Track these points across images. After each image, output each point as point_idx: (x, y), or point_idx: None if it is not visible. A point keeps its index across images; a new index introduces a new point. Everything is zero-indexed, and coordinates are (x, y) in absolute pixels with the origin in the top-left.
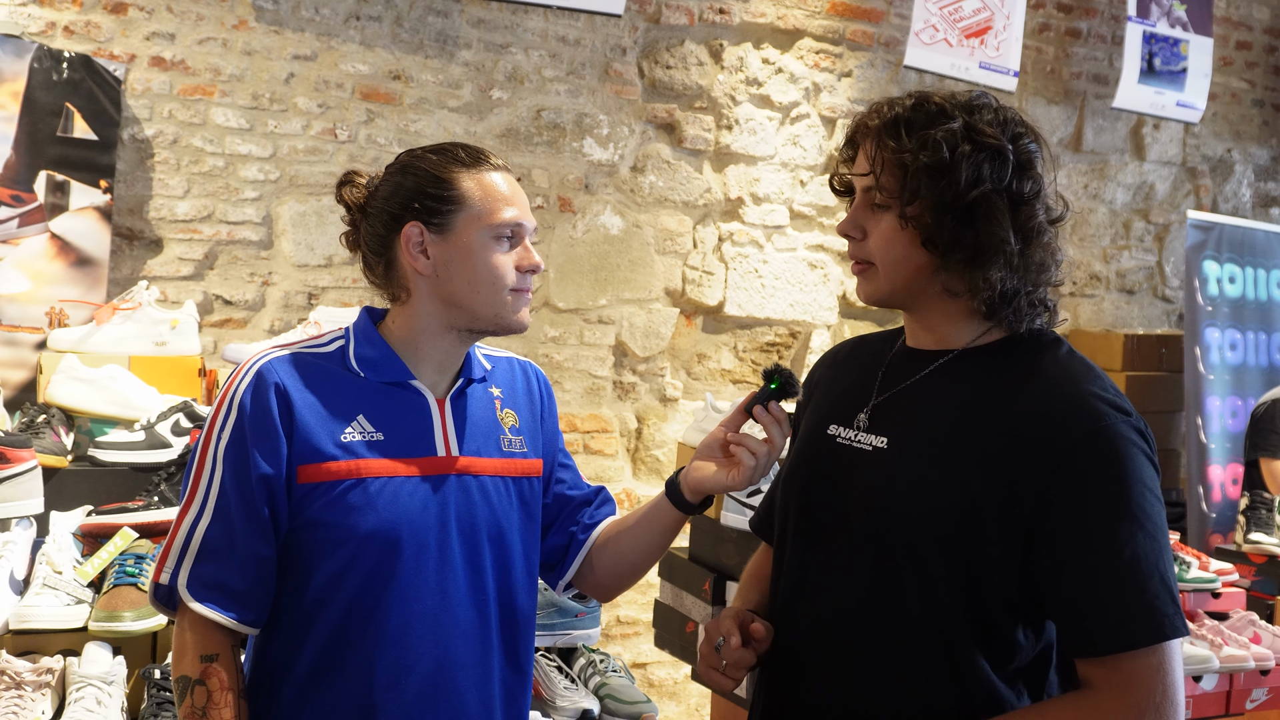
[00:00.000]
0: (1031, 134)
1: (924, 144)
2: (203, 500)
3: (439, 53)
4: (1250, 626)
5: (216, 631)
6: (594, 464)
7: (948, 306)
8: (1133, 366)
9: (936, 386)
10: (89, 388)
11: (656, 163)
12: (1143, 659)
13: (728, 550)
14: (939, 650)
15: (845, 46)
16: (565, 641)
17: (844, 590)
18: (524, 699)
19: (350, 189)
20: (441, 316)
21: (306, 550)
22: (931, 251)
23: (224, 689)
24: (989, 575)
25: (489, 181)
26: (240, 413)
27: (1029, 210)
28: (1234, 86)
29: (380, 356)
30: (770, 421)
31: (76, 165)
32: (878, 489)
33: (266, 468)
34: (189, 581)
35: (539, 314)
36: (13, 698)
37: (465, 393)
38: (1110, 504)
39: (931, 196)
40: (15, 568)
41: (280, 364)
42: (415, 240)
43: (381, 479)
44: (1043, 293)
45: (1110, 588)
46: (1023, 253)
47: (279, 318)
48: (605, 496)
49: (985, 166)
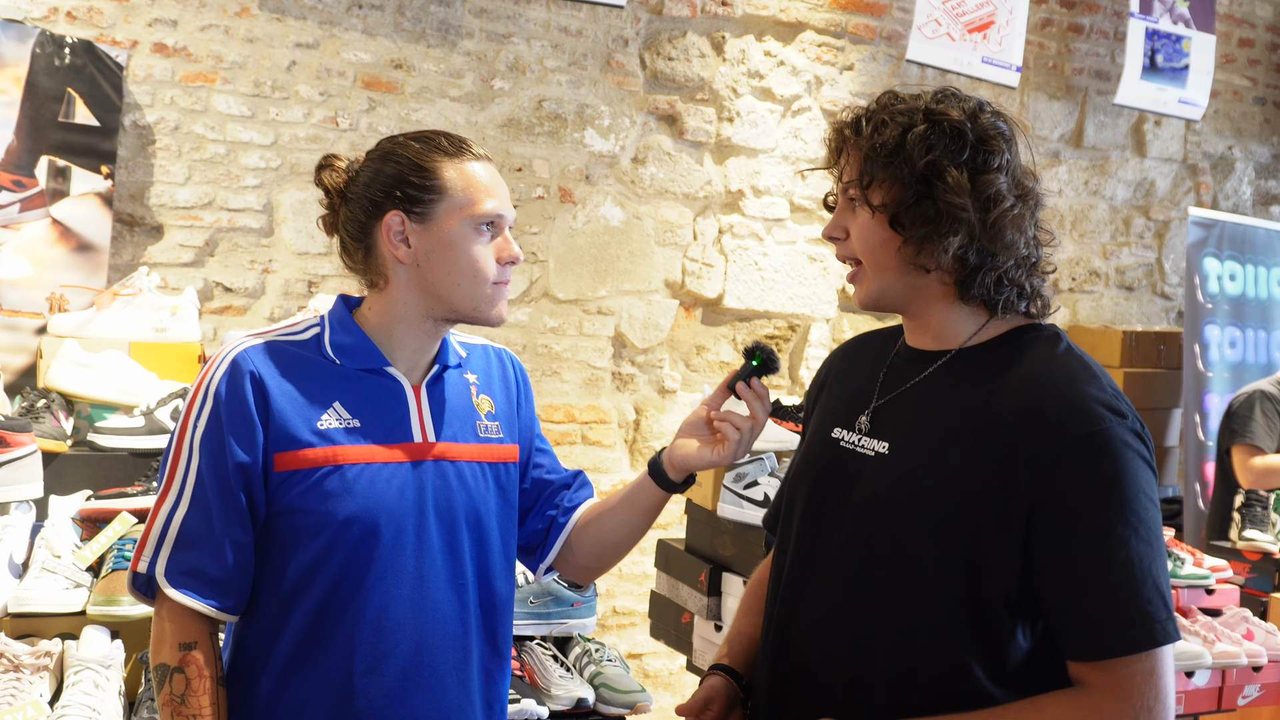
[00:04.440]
0: (999, 115)
1: (880, 128)
2: (179, 489)
3: (441, 42)
4: (1243, 623)
5: (194, 619)
6: (592, 455)
7: (937, 300)
8: (1131, 363)
9: (935, 389)
10: (89, 373)
11: (657, 154)
12: (1136, 664)
13: (724, 541)
14: (940, 653)
15: (847, 40)
16: (561, 630)
17: (845, 593)
18: (503, 681)
19: (330, 173)
20: (419, 305)
21: (284, 537)
22: (899, 231)
23: (202, 676)
24: (989, 577)
25: (471, 172)
26: (215, 401)
27: (988, 179)
28: (1236, 84)
29: (355, 343)
30: (753, 397)
31: (78, 151)
32: (879, 493)
33: (243, 456)
34: (167, 569)
35: (539, 304)
36: (11, 680)
37: (441, 379)
38: (1105, 508)
39: (888, 174)
40: (14, 551)
41: (255, 352)
42: (396, 229)
43: (358, 465)
44: (1021, 275)
45: (1104, 593)
46: (985, 222)
47: (279, 305)
48: (583, 480)
49: (941, 140)
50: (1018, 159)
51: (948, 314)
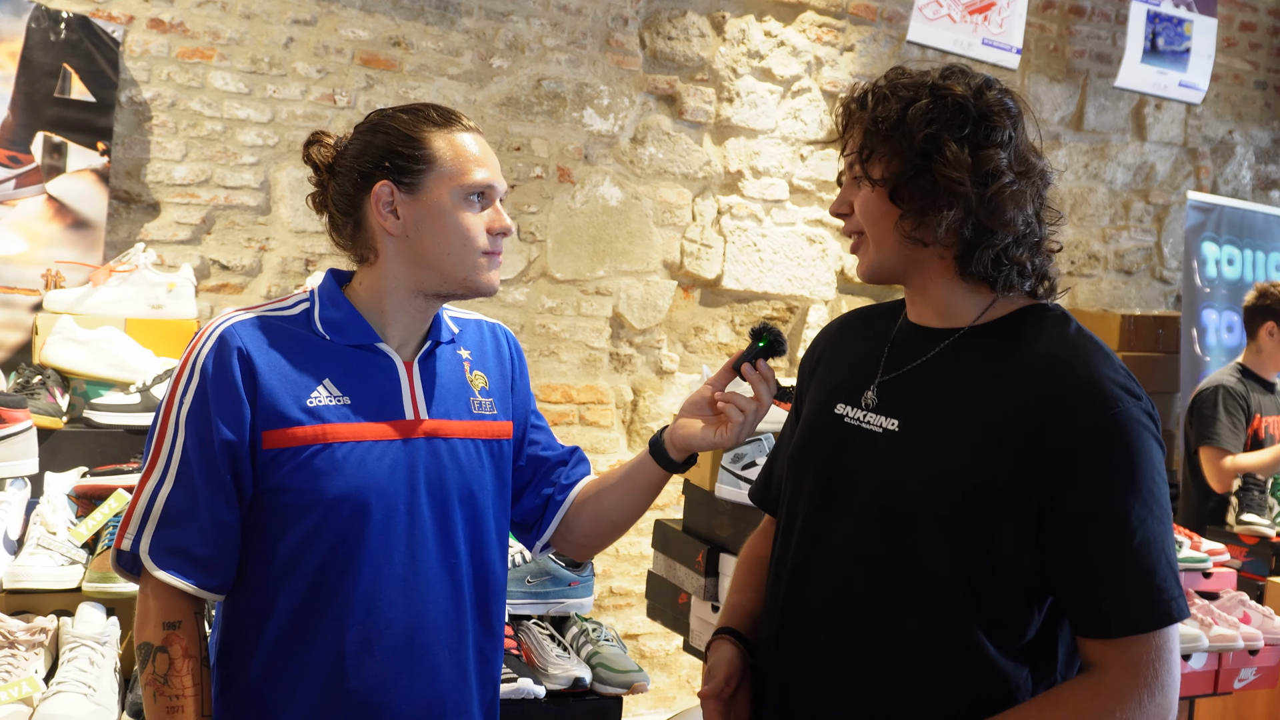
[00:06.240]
0: (1006, 92)
1: (883, 102)
2: (165, 466)
3: (440, 19)
4: (1240, 606)
5: (179, 598)
6: (589, 435)
7: (936, 275)
8: (1129, 347)
9: (946, 366)
10: (85, 349)
11: (656, 134)
12: (1150, 641)
13: (722, 522)
14: (950, 631)
15: (848, 20)
16: (558, 610)
17: (856, 572)
18: (496, 660)
19: (318, 148)
20: (410, 278)
21: (273, 515)
22: (898, 204)
23: (186, 656)
24: (1003, 556)
25: (460, 142)
26: (202, 378)
27: (987, 154)
28: (1237, 68)
29: (346, 319)
30: (758, 379)
31: (74, 127)
32: (891, 472)
33: (229, 434)
34: (151, 548)
35: (536, 284)
36: (6, 656)
37: (434, 355)
38: (1124, 488)
39: (888, 147)
40: (9, 528)
41: (243, 328)
42: (385, 199)
43: (349, 443)
44: (1021, 253)
45: (1123, 571)
46: (983, 198)
47: (275, 283)
48: (580, 456)
49: (942, 114)
50: (1022, 136)
51: (949, 290)
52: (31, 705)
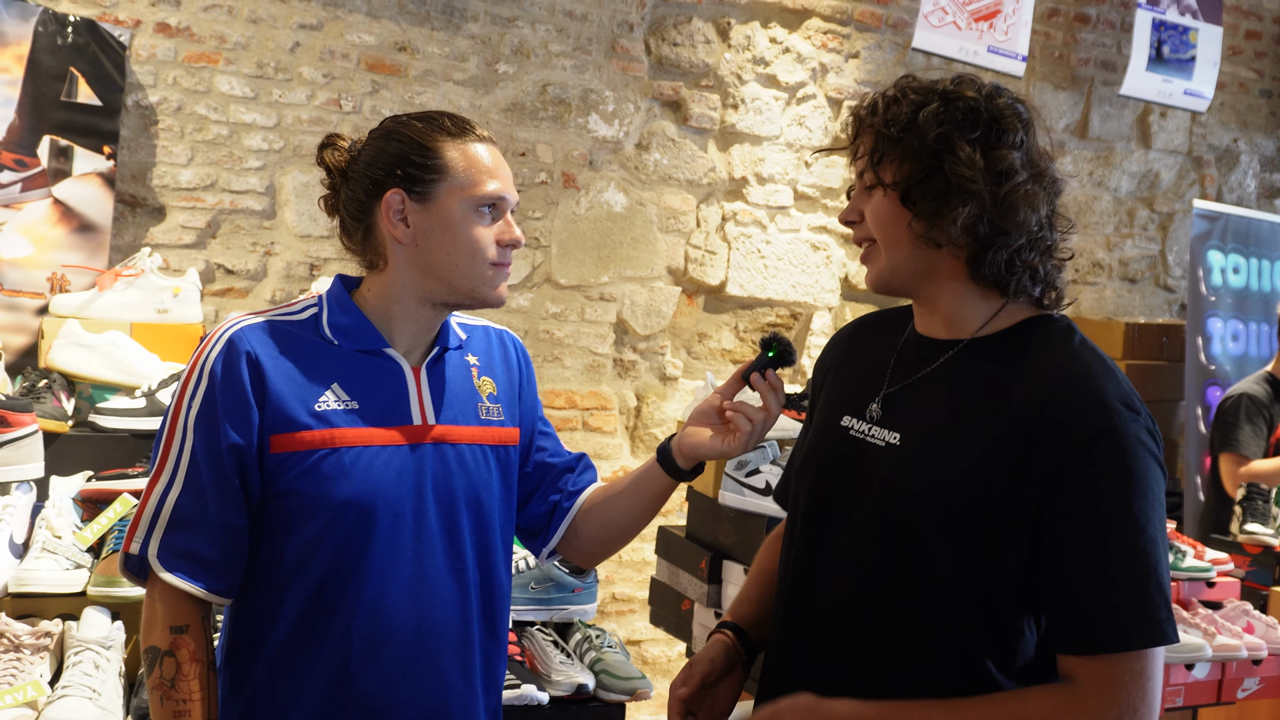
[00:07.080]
0: (1017, 99)
1: (894, 105)
2: (173, 470)
3: (445, 25)
4: (1243, 616)
5: (187, 602)
6: (593, 441)
7: (948, 280)
8: (1133, 355)
9: (948, 379)
10: (90, 353)
11: (661, 140)
12: (1130, 662)
13: (725, 529)
14: (949, 645)
15: (853, 27)
16: (561, 616)
17: (854, 583)
18: (501, 665)
19: (332, 151)
20: (418, 286)
21: (281, 520)
22: (909, 207)
23: (193, 660)
24: (998, 570)
25: (473, 153)
26: (211, 381)
27: (1000, 154)
28: (1242, 76)
29: (354, 324)
30: (767, 389)
31: (80, 131)
32: (890, 485)
33: (237, 438)
34: (159, 551)
35: (541, 290)
36: (11, 660)
37: (441, 360)
38: (1115, 505)
39: (899, 150)
40: (15, 531)
41: (252, 332)
42: (396, 207)
43: (356, 448)
44: (1034, 257)
45: (1108, 589)
46: (996, 196)
47: (281, 288)
48: (587, 463)
49: (953, 117)
50: (1034, 141)
51: (959, 296)
52: (36, 709)
